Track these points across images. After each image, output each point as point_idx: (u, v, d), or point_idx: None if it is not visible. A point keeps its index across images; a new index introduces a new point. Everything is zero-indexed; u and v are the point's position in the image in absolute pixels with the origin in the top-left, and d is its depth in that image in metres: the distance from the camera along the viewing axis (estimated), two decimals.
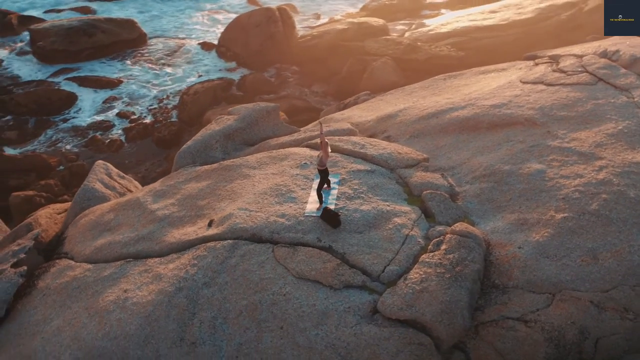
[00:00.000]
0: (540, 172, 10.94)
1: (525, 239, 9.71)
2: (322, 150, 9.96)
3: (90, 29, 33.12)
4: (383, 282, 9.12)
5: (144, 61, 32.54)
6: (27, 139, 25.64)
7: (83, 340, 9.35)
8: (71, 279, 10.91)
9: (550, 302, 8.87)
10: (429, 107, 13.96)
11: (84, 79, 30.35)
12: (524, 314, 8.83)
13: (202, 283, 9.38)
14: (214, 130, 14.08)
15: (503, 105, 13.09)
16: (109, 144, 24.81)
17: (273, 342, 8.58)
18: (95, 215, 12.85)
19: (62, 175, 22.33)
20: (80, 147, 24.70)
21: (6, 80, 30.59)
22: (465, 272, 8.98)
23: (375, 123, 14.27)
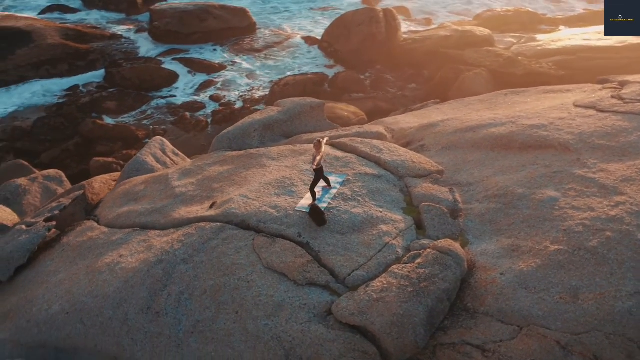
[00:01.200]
0: (552, 199, 10.41)
1: (510, 266, 9.33)
2: (315, 151, 10.13)
3: (203, 14, 35.12)
4: (347, 285, 9.17)
5: (248, 50, 33.97)
6: (124, 111, 27.79)
7: (73, 294, 10.19)
8: (87, 239, 11.88)
9: (516, 336, 8.49)
10: (471, 120, 13.62)
11: (189, 60, 32.29)
12: (485, 342, 8.51)
13: (181, 259, 9.91)
14: (255, 119, 14.63)
15: (542, 127, 12.50)
16: (195, 124, 26.27)
17: (226, 325, 8.93)
18: (130, 185, 13.83)
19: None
20: (168, 124, 26.38)
21: (120, 54, 33.28)
22: (430, 289, 8.81)
23: (415, 131, 14.15)
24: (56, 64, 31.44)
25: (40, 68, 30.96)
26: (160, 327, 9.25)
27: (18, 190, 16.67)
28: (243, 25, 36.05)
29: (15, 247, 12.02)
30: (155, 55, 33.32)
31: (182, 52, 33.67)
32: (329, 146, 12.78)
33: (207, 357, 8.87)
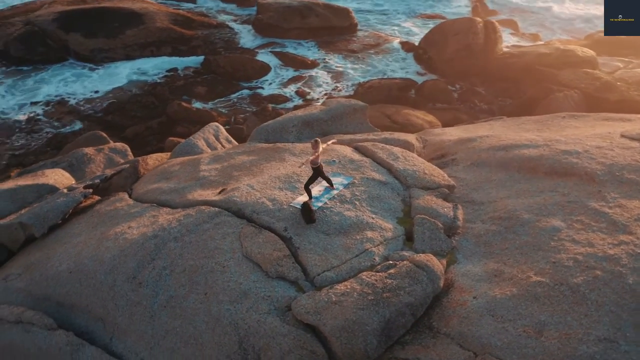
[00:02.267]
0: (555, 229, 9.97)
1: (485, 290, 9.10)
2: (313, 150, 10.33)
3: (306, 10, 36.03)
4: (314, 284, 9.35)
5: (343, 49, 34.45)
6: (212, 97, 29.21)
7: (80, 256, 11.11)
8: (113, 209, 12.83)
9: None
10: (509, 139, 13.21)
11: (283, 54, 33.29)
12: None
13: (173, 237, 10.50)
14: (295, 115, 15.03)
15: (575, 154, 11.92)
16: (274, 116, 26.97)
17: (194, 304, 9.41)
18: (169, 164, 14.72)
19: None
20: (250, 114, 27.41)
21: (221, 42, 34.91)
22: (392, 301, 8.79)
23: (452, 144, 13.94)
24: (160, 47, 33.53)
25: (145, 49, 33.18)
26: (140, 297, 9.87)
27: (83, 158, 18.10)
28: (344, 25, 36.58)
29: (51, 207, 13.16)
30: (254, 46, 34.64)
31: (279, 45, 34.76)
32: (352, 149, 12.91)
33: (173, 331, 9.38)
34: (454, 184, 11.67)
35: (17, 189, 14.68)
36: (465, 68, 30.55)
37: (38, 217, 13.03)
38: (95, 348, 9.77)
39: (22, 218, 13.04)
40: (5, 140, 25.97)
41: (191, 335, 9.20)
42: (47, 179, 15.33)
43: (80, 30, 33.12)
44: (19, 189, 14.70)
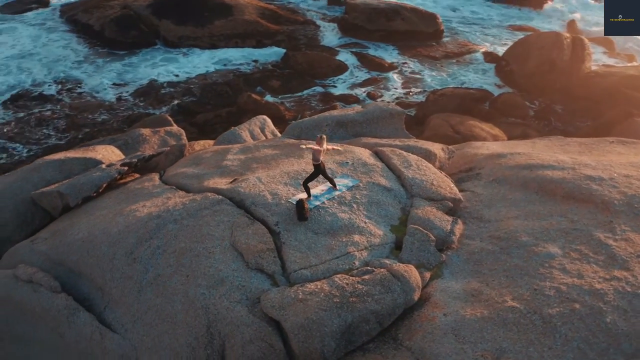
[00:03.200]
0: (549, 255, 9.59)
1: (458, 309, 8.91)
2: (316, 145, 10.40)
3: (392, 13, 35.90)
4: (289, 280, 9.50)
5: (424, 55, 34.06)
6: (285, 91, 29.82)
7: (95, 227, 11.85)
8: (140, 187, 13.53)
9: None
10: (538, 158, 12.72)
11: (362, 55, 33.39)
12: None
13: (174, 219, 10.98)
14: (331, 114, 15.18)
15: (598, 180, 11.33)
16: None
17: (176, 285, 9.84)
18: (204, 151, 15.32)
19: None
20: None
21: (304, 39, 35.48)
22: (357, 306, 8.80)
23: (483, 158, 13.61)
24: (245, 39, 34.54)
25: (230, 40, 34.30)
26: (132, 271, 10.42)
27: (139, 138, 19.06)
28: (429, 31, 36.10)
29: (87, 180, 14.04)
30: (335, 45, 34.94)
31: (360, 46, 34.87)
32: (371, 153, 12.89)
33: (154, 308, 9.85)
34: (461, 197, 11.42)
35: (66, 161, 15.71)
36: (546, 84, 29.34)
37: (74, 188, 13.91)
38: (88, 314, 10.38)
39: (61, 187, 13.96)
40: (89, 115, 27.71)
41: (168, 313, 9.61)
42: (95, 153, 16.29)
43: (172, 17, 34.73)
44: (67, 160, 15.72)
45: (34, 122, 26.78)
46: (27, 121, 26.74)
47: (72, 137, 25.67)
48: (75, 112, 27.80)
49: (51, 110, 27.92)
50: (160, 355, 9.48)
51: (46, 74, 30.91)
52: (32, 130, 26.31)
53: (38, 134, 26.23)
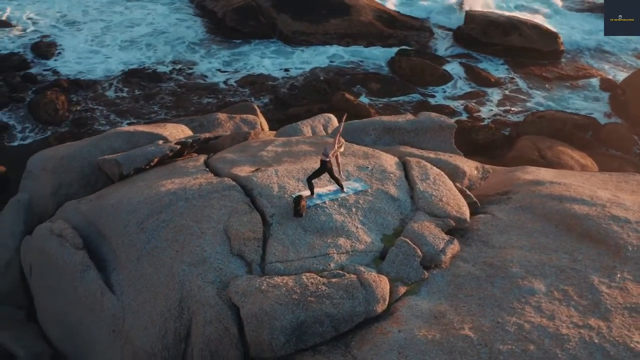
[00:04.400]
0: (531, 291, 9.12)
1: (413, 328, 8.75)
2: (335, 140, 10.50)
3: (511, 28, 34.52)
4: (263, 270, 9.75)
5: (536, 75, 32.43)
6: (381, 95, 29.81)
7: (125, 196, 12.80)
8: (183, 166, 14.27)
9: None
10: (575, 192, 11.93)
11: (470, 68, 32.33)
12: None
13: (185, 197, 11.60)
14: (380, 119, 15.15)
15: (622, 222, 10.50)
16: None
17: (166, 258, 10.48)
18: (253, 140, 15.85)
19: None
20: None
21: (416, 45, 35.03)
22: (313, 307, 8.91)
23: (522, 183, 12.99)
24: (357, 39, 34.89)
25: (342, 39, 34.81)
26: (137, 240, 11.18)
27: (214, 122, 20.01)
28: (547, 50, 34.28)
29: (141, 153, 15.07)
30: (445, 55, 34.30)
31: (471, 58, 33.92)
32: (397, 160, 12.75)
33: (145, 277, 10.53)
34: (467, 218, 11.05)
35: (135, 133, 16.90)
36: None
37: (128, 159, 14.98)
38: (96, 273, 11.28)
39: (118, 157, 15.10)
40: (194, 97, 29.36)
41: (153, 283, 10.22)
42: (163, 130, 17.34)
43: (290, 12, 35.82)
44: (136, 133, 16.90)
45: (143, 98, 28.71)
46: (138, 97, 28.75)
47: (176, 115, 27.22)
48: (183, 93, 29.47)
49: (161, 88, 29.78)
50: (141, 320, 10.10)
51: (166, 53, 33.00)
52: (141, 105, 28.28)
53: (146, 109, 28.13)
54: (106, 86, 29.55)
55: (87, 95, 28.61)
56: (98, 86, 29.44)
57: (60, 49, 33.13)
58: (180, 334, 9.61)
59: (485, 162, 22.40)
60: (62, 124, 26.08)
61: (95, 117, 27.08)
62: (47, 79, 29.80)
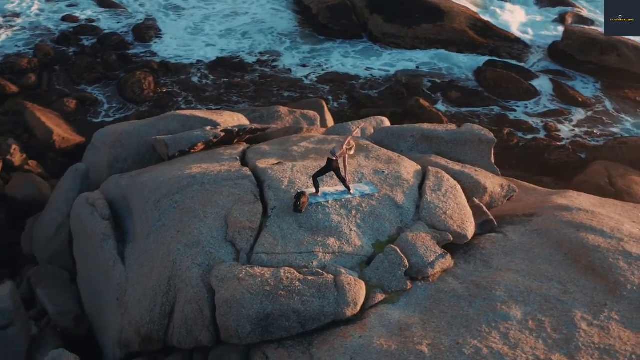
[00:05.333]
0: (505, 317, 8.85)
1: (374, 336, 8.76)
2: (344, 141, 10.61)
3: (609, 47, 32.33)
4: (249, 260, 10.01)
5: (629, 99, 30.32)
6: (459, 104, 29.10)
7: (156, 174, 13.48)
8: (221, 153, 14.75)
9: None
10: (598, 221, 11.31)
11: (559, 85, 30.85)
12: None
13: (201, 182, 12.09)
14: (419, 126, 14.96)
15: (632, 258, 9.85)
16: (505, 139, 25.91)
17: (167, 237, 11.03)
18: (294, 135, 16.11)
19: None
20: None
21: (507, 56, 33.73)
22: (281, 300, 9.08)
23: (552, 206, 12.44)
24: (446, 46, 34.29)
25: (431, 44, 34.34)
26: (151, 217, 11.82)
27: (274, 114, 20.50)
28: None
29: (187, 137, 15.78)
30: (535, 69, 32.92)
31: (562, 75, 32.32)
32: (419, 168, 12.58)
33: (148, 252, 11.15)
34: (467, 235, 10.74)
35: (190, 117, 17.69)
36: None
37: (175, 141, 15.73)
38: (114, 244, 12.03)
39: (167, 138, 15.89)
40: (275, 89, 30.04)
41: (152, 259, 10.80)
42: (218, 117, 18.00)
43: (383, 13, 35.74)
44: (192, 117, 17.68)
45: (225, 86, 29.70)
46: (221, 85, 29.77)
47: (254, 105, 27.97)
48: (265, 84, 30.22)
49: (245, 77, 30.67)
50: (137, 292, 10.69)
51: (256, 45, 33.94)
52: (222, 93, 29.26)
53: (226, 97, 29.08)
54: (193, 72, 30.78)
55: (173, 79, 29.94)
56: (186, 71, 30.71)
57: (160, 33, 34.72)
58: (165, 310, 10.06)
59: (550, 184, 21.62)
60: (144, 103, 27.42)
61: (177, 100, 28.29)
62: (141, 60, 31.38)
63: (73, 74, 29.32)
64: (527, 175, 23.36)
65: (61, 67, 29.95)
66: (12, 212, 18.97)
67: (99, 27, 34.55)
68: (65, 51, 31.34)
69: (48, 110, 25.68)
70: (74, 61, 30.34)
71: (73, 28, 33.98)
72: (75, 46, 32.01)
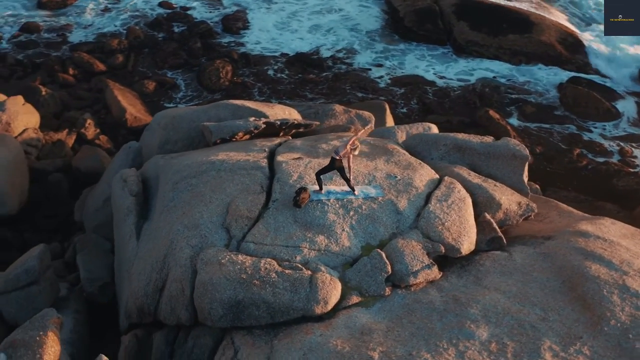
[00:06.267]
0: (469, 335, 8.67)
1: (333, 335, 8.85)
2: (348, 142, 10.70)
3: None
4: (238, 247, 10.30)
5: None
6: (533, 119, 28.03)
7: (184, 159, 13.92)
8: (254, 144, 15.10)
9: None
10: (608, 251, 10.67)
11: None
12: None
13: (218, 168, 12.50)
14: (455, 135, 14.64)
15: (631, 294, 9.26)
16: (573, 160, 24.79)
17: (173, 217, 11.59)
18: (332, 134, 16.22)
19: None
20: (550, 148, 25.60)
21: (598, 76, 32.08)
22: (253, 290, 9.35)
23: (572, 231, 11.90)
24: (530, 59, 32.74)
25: (515, 56, 33.04)
26: (167, 197, 12.42)
27: (329, 112, 20.63)
28: None
29: (230, 125, 16.26)
30: (622, 90, 31.07)
31: None
32: (438, 176, 12.37)
33: (157, 230, 11.77)
34: (460, 249, 10.46)
35: (241, 107, 18.24)
36: None
37: (218, 129, 16.27)
38: (134, 219, 12.76)
39: (211, 125, 16.42)
40: (347, 88, 30.13)
41: (157, 236, 11.41)
42: (270, 110, 18.45)
43: (470, 20, 34.92)
44: (242, 107, 18.23)
45: (300, 82, 30.10)
46: (296, 80, 30.17)
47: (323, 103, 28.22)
48: (338, 82, 30.40)
49: (320, 74, 30.93)
50: (140, 266, 11.36)
51: (338, 43, 34.17)
52: (295, 88, 29.67)
53: (299, 92, 29.42)
54: (272, 65, 31.40)
55: (251, 70, 30.69)
56: (264, 64, 31.36)
57: (248, 25, 35.54)
58: (158, 285, 10.54)
59: (612, 211, 20.49)
60: (218, 92, 28.31)
61: (251, 91, 29.01)
62: (224, 49, 32.33)
63: (158, 57, 30.74)
64: (589, 199, 22.26)
65: (148, 51, 31.48)
66: (74, 182, 20.22)
67: (191, 15, 35.80)
68: (154, 35, 32.87)
69: (127, 90, 27.12)
70: (161, 46, 31.75)
71: (167, 14, 35.46)
72: (165, 32, 33.45)
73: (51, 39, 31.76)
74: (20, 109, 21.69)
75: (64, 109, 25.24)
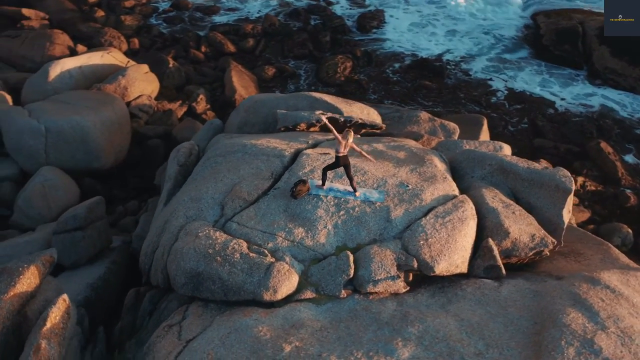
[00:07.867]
0: (391, 352, 8.35)
1: (264, 322, 9.02)
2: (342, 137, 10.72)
3: None
4: (224, 225, 10.73)
5: None
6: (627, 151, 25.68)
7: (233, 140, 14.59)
8: (305, 134, 15.46)
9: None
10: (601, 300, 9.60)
11: None
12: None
13: (245, 151, 13.11)
14: (501, 156, 13.90)
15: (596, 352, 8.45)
16: None
17: (189, 188, 12.46)
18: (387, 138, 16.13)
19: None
20: None
21: None
22: (212, 265, 9.85)
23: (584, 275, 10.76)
24: None
25: None
26: (197, 170, 13.34)
27: (412, 118, 20.03)
28: None
29: (294, 116, 16.49)
30: None
31: None
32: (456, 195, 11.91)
33: (177, 197, 12.55)
34: (434, 269, 9.97)
35: (318, 100, 18.67)
36: None
37: (284, 117, 16.89)
38: (170, 187, 13.84)
39: (280, 113, 17.03)
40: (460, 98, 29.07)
41: (173, 203, 12.10)
42: (346, 106, 18.64)
43: (613, 46, 32.19)
44: (320, 100, 18.64)
45: (414, 87, 29.60)
46: (410, 85, 29.71)
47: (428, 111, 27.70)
48: (452, 91, 29.56)
49: (437, 82, 30.26)
50: (152, 229, 12.08)
51: (466, 47, 33.31)
52: (407, 92, 29.26)
53: (410, 98, 28.81)
54: (391, 66, 31.29)
55: (370, 70, 30.82)
56: (385, 64, 31.33)
57: (383, 25, 35.63)
58: (154, 248, 11.28)
59: None
60: (332, 86, 28.75)
61: (364, 88, 29.09)
62: (351, 46, 32.71)
63: (285, 46, 31.93)
64: None
65: (279, 38, 32.72)
66: (170, 149, 21.79)
67: (331, 9, 36.57)
68: (289, 25, 34.10)
69: (247, 73, 28.49)
70: (292, 36, 32.85)
71: (308, 5, 36.53)
72: (301, 22, 34.52)
73: (196, 17, 34.16)
74: (140, 77, 23.75)
75: (187, 83, 27.11)
